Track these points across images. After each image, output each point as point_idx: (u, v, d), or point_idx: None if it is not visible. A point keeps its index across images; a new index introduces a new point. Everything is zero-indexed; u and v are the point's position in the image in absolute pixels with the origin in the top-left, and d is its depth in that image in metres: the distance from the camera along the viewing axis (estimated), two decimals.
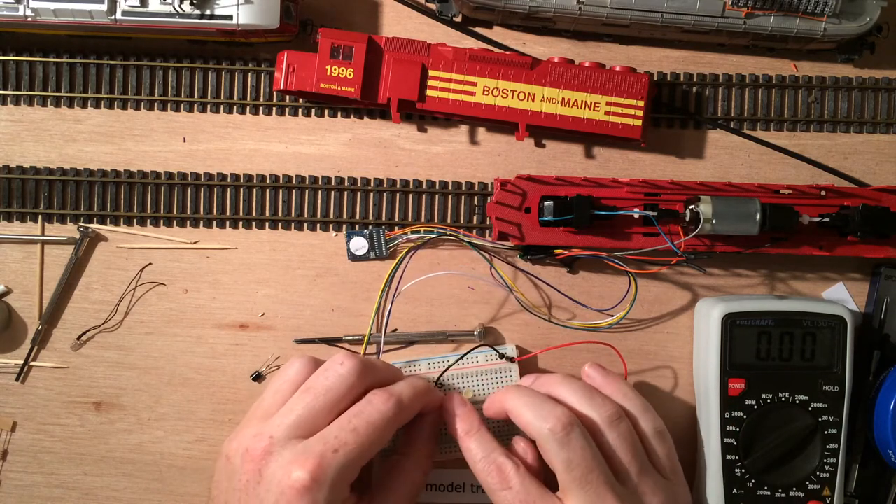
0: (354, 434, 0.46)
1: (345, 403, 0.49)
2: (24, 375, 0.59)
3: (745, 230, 0.55)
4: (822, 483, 0.56)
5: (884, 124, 0.61)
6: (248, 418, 0.51)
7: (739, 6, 0.56)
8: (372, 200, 0.59)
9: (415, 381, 0.52)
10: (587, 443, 0.48)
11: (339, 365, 0.49)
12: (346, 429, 0.47)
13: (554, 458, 0.48)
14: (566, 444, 0.48)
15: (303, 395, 0.49)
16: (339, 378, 0.49)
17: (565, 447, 0.48)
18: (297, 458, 0.45)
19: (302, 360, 0.51)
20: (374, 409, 0.48)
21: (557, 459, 0.48)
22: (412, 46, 0.57)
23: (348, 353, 0.51)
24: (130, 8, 0.53)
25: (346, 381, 0.49)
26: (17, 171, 0.59)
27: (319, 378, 0.49)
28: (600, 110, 0.57)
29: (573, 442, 0.48)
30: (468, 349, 0.57)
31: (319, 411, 0.48)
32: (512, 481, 0.49)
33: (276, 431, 0.47)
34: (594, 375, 0.55)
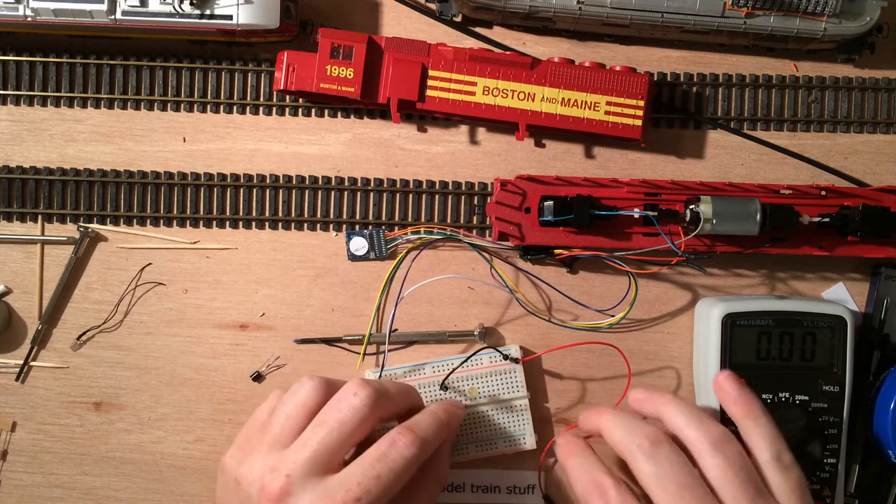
0: (377, 482, 0.45)
1: (359, 435, 0.47)
2: (24, 375, 0.59)
3: (745, 230, 0.55)
4: (822, 483, 0.56)
5: (884, 124, 0.61)
6: (254, 438, 0.49)
7: (739, 6, 0.56)
8: (372, 200, 0.59)
9: (438, 413, 0.50)
10: (679, 459, 0.46)
11: (353, 396, 0.47)
12: (370, 475, 0.45)
13: (643, 475, 0.45)
14: (654, 458, 0.45)
15: (316, 428, 0.47)
16: (352, 410, 0.47)
17: (653, 461, 0.45)
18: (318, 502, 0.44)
19: (313, 383, 0.49)
20: (398, 454, 0.46)
21: (646, 475, 0.45)
22: (412, 46, 0.57)
23: (362, 381, 0.48)
24: (130, 8, 0.53)
25: (359, 413, 0.47)
26: (17, 171, 0.59)
27: (333, 410, 0.47)
28: (600, 110, 0.57)
29: (662, 456, 0.45)
30: (472, 351, 0.57)
31: (334, 446, 0.46)
32: (610, 497, 0.46)
33: (293, 470, 0.45)
34: (727, 389, 0.50)
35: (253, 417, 0.52)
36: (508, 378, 0.58)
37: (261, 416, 0.51)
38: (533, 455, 0.58)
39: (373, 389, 0.48)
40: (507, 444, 0.57)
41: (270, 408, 0.50)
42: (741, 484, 0.45)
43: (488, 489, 0.59)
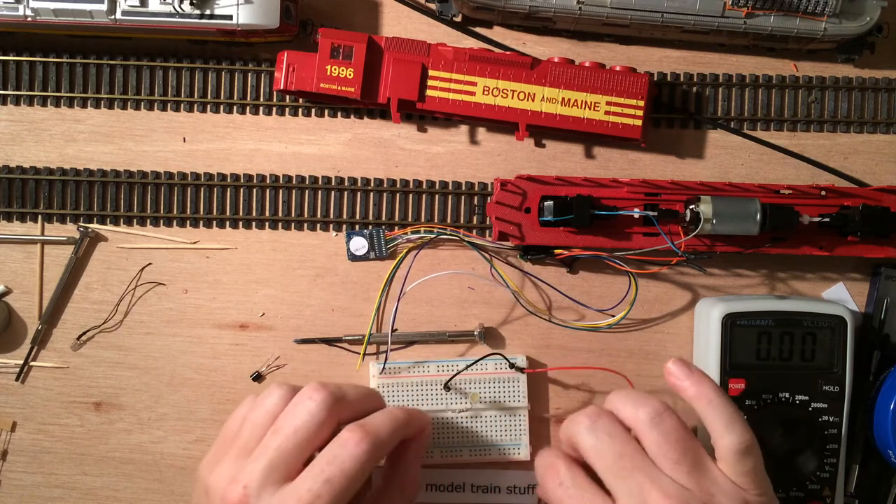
0: (328, 486, 0.44)
1: (318, 441, 0.46)
2: (24, 375, 0.59)
3: (745, 230, 0.55)
4: (822, 483, 0.56)
5: (884, 124, 0.61)
6: (225, 445, 0.49)
7: (739, 6, 0.56)
8: (372, 200, 0.59)
9: (394, 412, 0.49)
10: (616, 430, 0.46)
11: (308, 400, 0.47)
12: (319, 479, 0.44)
13: (584, 449, 0.46)
14: (592, 431, 0.46)
15: (273, 435, 0.46)
16: (308, 415, 0.46)
17: (592, 434, 0.46)
18: None
19: (280, 391, 0.48)
20: (347, 453, 0.45)
21: (586, 449, 0.46)
22: (412, 46, 0.57)
23: (319, 384, 0.48)
24: (130, 8, 0.53)
25: (315, 417, 0.46)
26: (17, 171, 0.59)
27: (288, 416, 0.47)
28: (600, 110, 0.57)
29: (599, 429, 0.46)
30: (479, 355, 0.57)
31: (291, 453, 0.45)
32: (562, 476, 0.46)
33: (249, 480, 0.45)
34: (676, 372, 0.48)
35: (227, 425, 0.51)
36: (511, 386, 0.58)
37: (234, 423, 0.50)
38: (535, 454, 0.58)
39: (328, 392, 0.47)
40: (501, 452, 0.57)
41: (242, 415, 0.50)
42: (678, 456, 0.45)
43: (488, 489, 0.59)
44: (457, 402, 0.58)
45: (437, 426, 0.57)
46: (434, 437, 0.57)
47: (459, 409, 0.57)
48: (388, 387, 0.57)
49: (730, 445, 0.45)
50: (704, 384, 0.47)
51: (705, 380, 0.48)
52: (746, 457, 0.46)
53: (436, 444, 0.57)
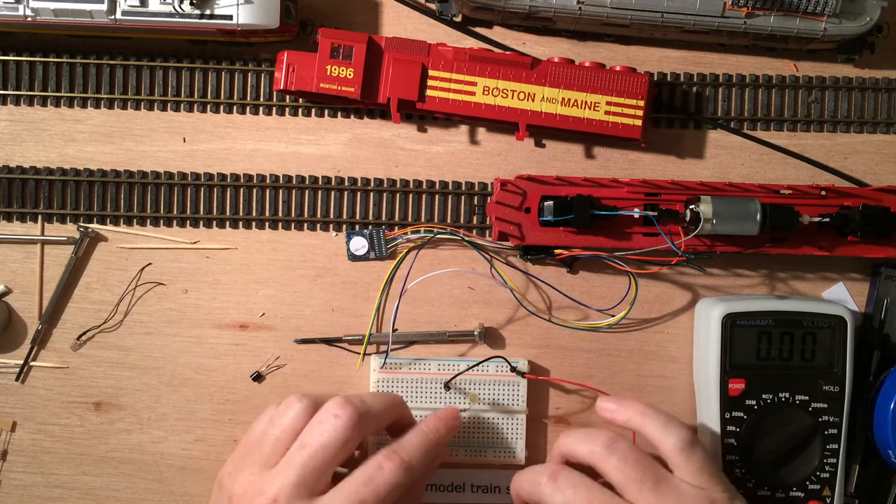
0: None
1: (344, 455, 0.48)
2: (24, 375, 0.59)
3: (745, 230, 0.55)
4: (822, 483, 0.56)
5: (884, 124, 0.61)
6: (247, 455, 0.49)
7: (739, 6, 0.56)
8: (372, 200, 0.59)
9: (429, 435, 0.50)
10: (578, 479, 0.48)
11: (334, 418, 0.47)
12: (355, 500, 0.45)
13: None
14: (556, 489, 0.48)
15: (299, 451, 0.47)
16: (334, 433, 0.47)
17: (557, 492, 0.48)
18: None
19: (301, 404, 0.49)
20: (384, 479, 0.46)
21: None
22: (412, 46, 0.57)
23: (343, 400, 0.48)
24: (130, 8, 0.53)
25: (342, 435, 0.47)
26: (17, 171, 0.59)
27: (315, 433, 0.47)
28: (600, 110, 0.57)
29: (562, 484, 0.48)
30: (479, 355, 0.57)
31: (319, 468, 0.46)
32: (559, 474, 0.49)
33: (278, 494, 0.45)
34: (607, 407, 0.53)
35: (249, 434, 0.51)
36: (511, 389, 0.58)
37: (256, 432, 0.50)
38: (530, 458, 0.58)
39: (354, 409, 0.48)
40: (497, 454, 0.57)
41: (264, 426, 0.50)
42: (640, 475, 0.47)
43: (488, 489, 0.59)
44: (456, 402, 0.58)
45: None
46: None
47: (458, 409, 0.57)
48: (388, 382, 0.57)
49: (673, 446, 0.48)
50: (632, 404, 0.51)
51: (632, 401, 0.51)
52: (692, 452, 0.48)
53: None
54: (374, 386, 0.58)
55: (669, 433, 0.49)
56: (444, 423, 0.52)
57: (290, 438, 0.48)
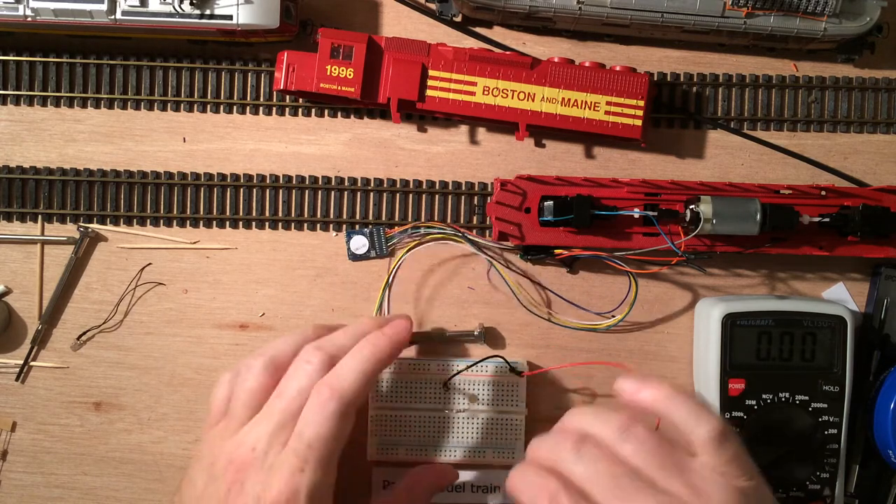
0: (311, 450, 0.45)
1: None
2: (24, 375, 0.59)
3: (745, 230, 0.55)
4: (822, 483, 0.56)
5: (884, 124, 0.61)
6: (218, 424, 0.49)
7: (739, 6, 0.56)
8: (372, 200, 0.59)
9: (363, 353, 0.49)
10: (604, 452, 0.44)
11: (307, 363, 0.48)
12: (302, 445, 0.45)
13: (576, 477, 0.44)
14: (580, 458, 0.44)
15: (277, 399, 0.48)
16: (307, 377, 0.48)
17: (580, 462, 0.44)
18: (272, 475, 0.45)
19: (259, 363, 0.49)
20: (318, 414, 0.46)
21: (579, 477, 0.43)
22: (412, 46, 0.57)
23: (314, 346, 0.49)
24: (130, 8, 0.53)
25: (315, 377, 0.48)
26: (17, 171, 0.59)
27: (291, 379, 0.48)
28: (600, 110, 0.57)
29: (586, 455, 0.44)
30: (481, 357, 0.57)
31: (295, 413, 0.47)
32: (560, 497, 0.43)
33: (257, 441, 0.46)
34: (627, 388, 0.47)
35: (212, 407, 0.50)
36: (510, 390, 0.58)
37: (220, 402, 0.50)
38: None
39: (325, 352, 0.49)
40: (496, 455, 0.57)
41: (225, 394, 0.50)
42: (662, 461, 0.43)
43: (488, 489, 0.59)
44: (454, 402, 0.58)
45: (433, 424, 0.57)
46: (429, 435, 0.57)
47: (456, 408, 0.57)
48: (387, 382, 0.57)
49: (705, 435, 0.44)
50: (658, 386, 0.46)
51: (658, 381, 0.46)
52: (725, 443, 0.44)
53: (430, 442, 0.57)
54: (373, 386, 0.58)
55: (700, 422, 0.44)
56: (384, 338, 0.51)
57: (258, 399, 0.48)
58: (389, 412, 0.57)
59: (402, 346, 0.52)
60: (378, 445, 0.57)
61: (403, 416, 0.57)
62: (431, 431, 0.57)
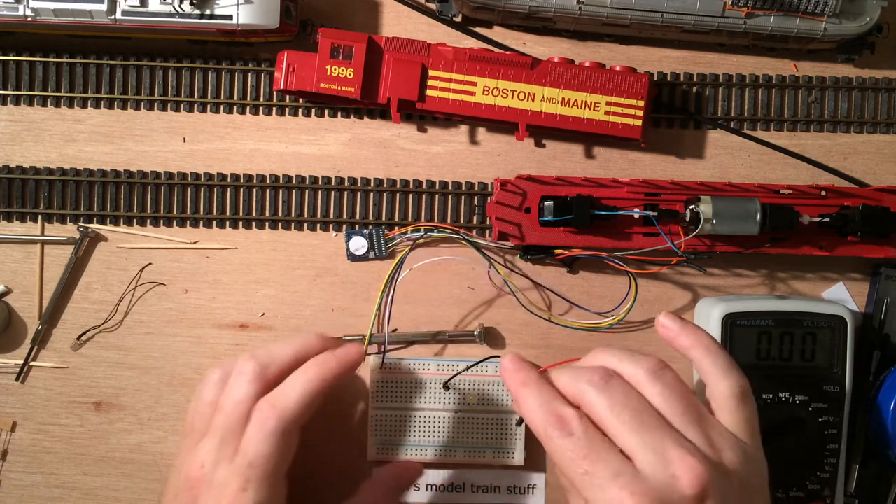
0: (252, 469, 0.45)
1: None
2: (24, 375, 0.59)
3: (745, 230, 0.55)
4: (822, 483, 0.56)
5: (884, 124, 0.61)
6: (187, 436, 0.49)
7: (739, 6, 0.56)
8: (372, 200, 0.59)
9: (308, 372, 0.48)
10: (630, 389, 0.44)
11: (240, 374, 0.48)
12: (244, 464, 0.45)
13: (597, 408, 0.43)
14: (606, 390, 0.44)
15: (218, 415, 0.47)
16: (240, 389, 0.47)
17: (605, 394, 0.43)
18: (220, 493, 0.45)
19: (215, 376, 0.49)
20: (259, 435, 0.45)
21: (601, 409, 0.43)
22: (412, 46, 0.57)
23: (249, 356, 0.49)
24: (130, 8, 0.53)
25: (249, 389, 0.47)
26: (17, 171, 0.59)
27: (227, 393, 0.48)
28: (600, 110, 0.57)
29: (613, 388, 0.44)
30: (480, 356, 0.57)
31: (235, 427, 0.46)
32: (574, 428, 0.43)
33: (205, 458, 0.46)
34: (669, 325, 0.48)
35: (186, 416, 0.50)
36: None
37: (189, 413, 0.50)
38: (529, 459, 0.58)
39: (257, 362, 0.48)
40: (496, 455, 0.58)
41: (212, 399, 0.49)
42: (684, 408, 0.44)
43: (488, 489, 0.59)
44: (454, 402, 0.58)
45: (432, 425, 0.57)
46: (429, 435, 0.57)
47: (456, 409, 0.57)
48: (387, 382, 0.57)
49: (728, 390, 0.45)
50: (699, 333, 0.47)
51: (699, 330, 0.48)
52: (744, 403, 0.45)
53: (431, 442, 0.57)
54: (372, 386, 0.58)
55: (728, 376, 0.45)
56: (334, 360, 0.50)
57: (210, 411, 0.48)
58: (389, 412, 0.57)
59: (350, 370, 0.50)
60: (378, 445, 0.57)
61: (403, 416, 0.57)
62: (431, 432, 0.57)
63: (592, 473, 0.41)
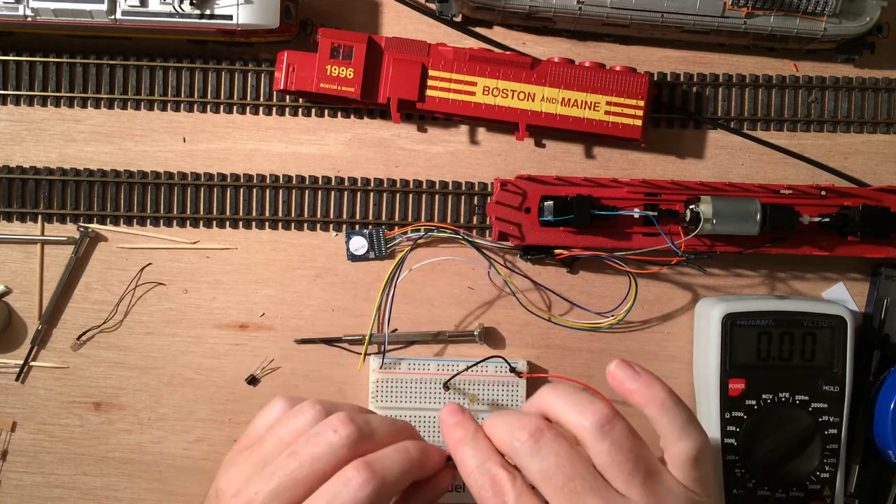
0: None
1: (333, 472, 0.43)
2: (24, 375, 0.59)
3: (745, 230, 0.55)
4: (822, 483, 0.56)
5: (884, 124, 0.61)
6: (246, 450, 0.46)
7: (739, 6, 0.56)
8: (372, 200, 0.59)
9: (408, 449, 0.44)
10: (563, 448, 0.42)
11: (333, 432, 0.43)
12: None
13: (529, 471, 0.41)
14: (537, 452, 0.41)
15: (288, 459, 0.43)
16: (328, 448, 0.42)
17: (536, 456, 0.41)
18: None
19: (314, 411, 0.45)
20: (349, 494, 0.41)
21: (532, 472, 0.41)
22: (412, 46, 0.57)
23: (347, 417, 0.44)
24: (130, 8, 0.53)
25: (336, 452, 0.43)
26: (17, 171, 0.59)
27: (309, 443, 0.43)
28: (600, 110, 0.57)
29: (544, 449, 0.41)
30: (480, 356, 0.57)
31: (301, 482, 0.42)
32: (507, 494, 0.41)
33: (254, 499, 0.42)
34: (620, 377, 0.44)
35: (253, 427, 0.48)
36: (510, 390, 0.58)
37: (259, 428, 0.47)
38: None
39: (356, 428, 0.43)
40: None
41: (270, 422, 0.47)
42: (632, 467, 0.41)
43: None
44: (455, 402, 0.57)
45: (433, 425, 0.57)
46: (429, 436, 0.57)
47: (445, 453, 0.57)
48: (387, 382, 0.57)
49: (685, 452, 0.42)
50: (654, 388, 0.43)
51: (654, 384, 0.44)
52: (701, 462, 0.43)
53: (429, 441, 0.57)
54: (373, 386, 0.58)
55: (684, 437, 0.43)
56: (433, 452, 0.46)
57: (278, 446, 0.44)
58: (389, 412, 0.57)
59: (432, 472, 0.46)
60: None
61: (403, 415, 0.57)
62: (431, 431, 0.57)
63: None
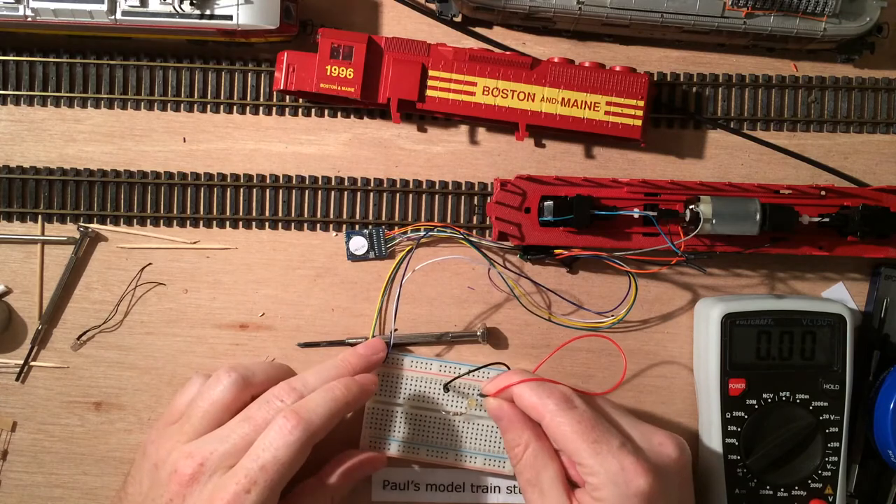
0: (263, 472, 0.46)
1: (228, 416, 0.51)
2: (24, 375, 0.59)
3: (745, 230, 0.55)
4: (824, 481, 0.56)
5: (884, 124, 0.61)
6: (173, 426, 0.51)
7: (739, 6, 0.56)
8: (372, 200, 0.59)
9: (334, 391, 0.51)
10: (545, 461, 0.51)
11: (279, 400, 0.50)
12: (255, 466, 0.46)
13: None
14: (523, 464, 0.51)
15: (242, 423, 0.49)
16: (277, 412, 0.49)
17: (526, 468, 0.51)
18: (215, 493, 0.46)
19: (229, 378, 0.52)
20: (281, 440, 0.47)
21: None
22: (412, 46, 0.57)
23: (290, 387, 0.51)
24: (130, 8, 0.53)
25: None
26: (17, 171, 0.59)
27: (260, 411, 0.50)
28: (600, 110, 0.57)
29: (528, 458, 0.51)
30: (481, 358, 0.58)
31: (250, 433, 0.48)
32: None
33: (208, 459, 0.47)
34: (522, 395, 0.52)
35: (174, 404, 0.54)
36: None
37: (181, 403, 0.53)
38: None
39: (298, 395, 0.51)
40: (488, 462, 0.57)
41: (190, 397, 0.53)
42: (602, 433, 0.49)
43: (488, 489, 0.59)
44: (453, 405, 0.57)
45: (430, 425, 0.57)
46: (425, 435, 0.57)
47: (454, 411, 0.57)
48: (387, 377, 0.57)
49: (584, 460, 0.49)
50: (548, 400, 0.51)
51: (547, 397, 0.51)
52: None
53: (425, 442, 0.57)
54: None
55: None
56: (353, 381, 0.52)
57: (218, 411, 0.50)
58: (387, 406, 0.57)
59: (367, 397, 0.54)
60: (371, 438, 0.57)
61: (399, 412, 0.57)
62: (427, 431, 0.57)
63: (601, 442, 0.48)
